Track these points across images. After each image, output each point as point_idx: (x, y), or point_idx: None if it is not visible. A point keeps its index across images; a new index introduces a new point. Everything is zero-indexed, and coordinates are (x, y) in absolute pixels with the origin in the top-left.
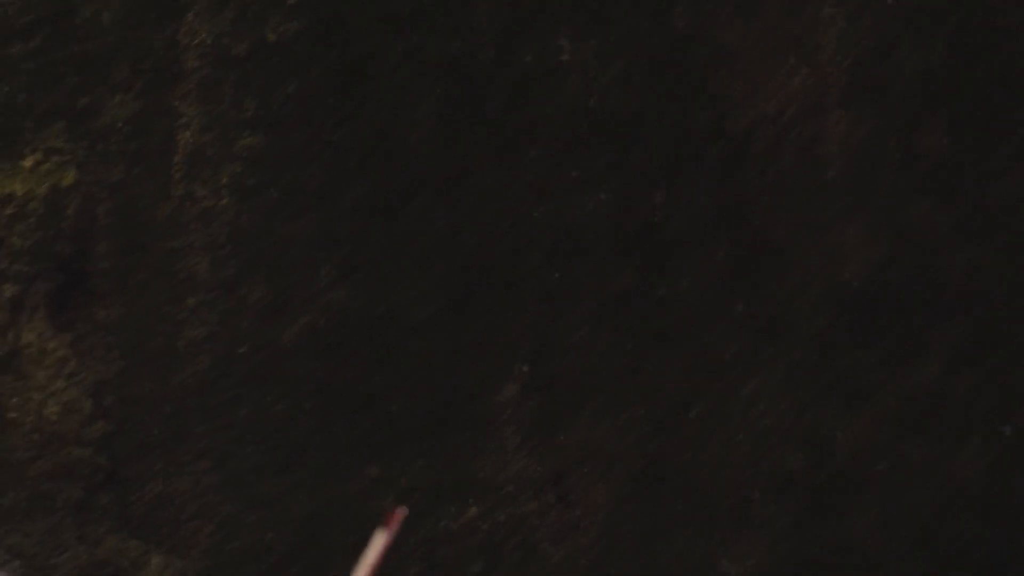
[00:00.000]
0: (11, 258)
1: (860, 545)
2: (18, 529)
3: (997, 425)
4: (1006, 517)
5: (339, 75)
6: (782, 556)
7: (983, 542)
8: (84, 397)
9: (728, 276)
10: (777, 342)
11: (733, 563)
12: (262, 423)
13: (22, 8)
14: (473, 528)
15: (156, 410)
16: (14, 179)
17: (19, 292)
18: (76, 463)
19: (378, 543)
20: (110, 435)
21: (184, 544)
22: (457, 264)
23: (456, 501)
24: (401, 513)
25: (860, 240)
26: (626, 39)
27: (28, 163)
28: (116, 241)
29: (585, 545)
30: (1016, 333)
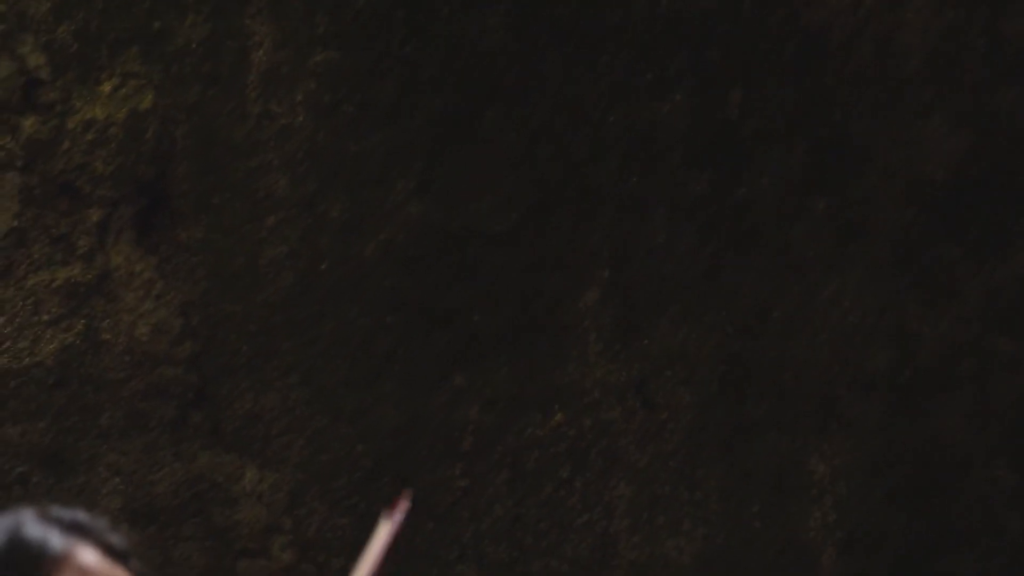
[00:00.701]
0: (94, 183)
1: (948, 442)
2: (116, 448)
3: None
4: None
5: None
6: (869, 454)
7: None
8: (173, 317)
9: (808, 174)
10: (859, 239)
11: (820, 462)
12: (347, 337)
13: None
14: (559, 434)
15: (242, 328)
16: (93, 104)
17: (104, 216)
18: (168, 382)
19: (383, 532)
20: (199, 354)
21: (276, 458)
22: (533, 173)
23: (541, 408)
24: (406, 501)
25: (943, 133)
26: None
27: (106, 88)
28: (195, 162)
29: (671, 449)
30: None
